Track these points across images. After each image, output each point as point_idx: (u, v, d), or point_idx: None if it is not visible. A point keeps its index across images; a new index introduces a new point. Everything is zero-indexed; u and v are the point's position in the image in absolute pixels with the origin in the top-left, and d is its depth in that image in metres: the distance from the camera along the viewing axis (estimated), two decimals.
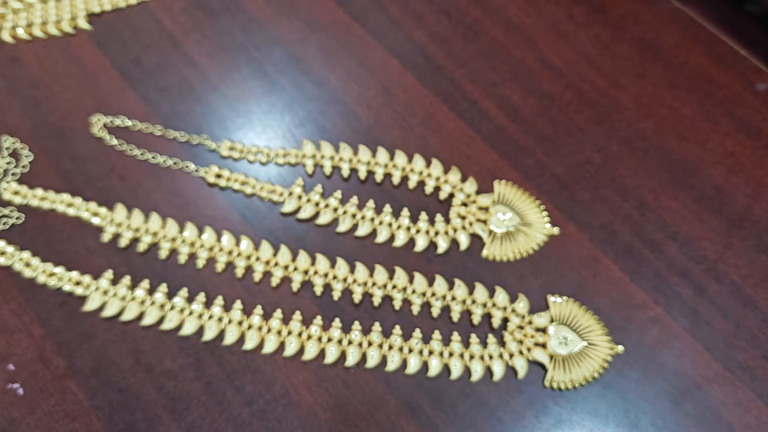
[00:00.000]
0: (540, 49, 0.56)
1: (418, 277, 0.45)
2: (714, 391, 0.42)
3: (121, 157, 0.49)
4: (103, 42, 0.54)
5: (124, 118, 0.50)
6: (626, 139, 0.52)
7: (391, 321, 0.44)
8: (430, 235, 0.47)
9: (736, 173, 0.51)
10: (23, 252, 0.44)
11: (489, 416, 0.41)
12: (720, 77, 0.55)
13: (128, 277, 0.44)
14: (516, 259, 0.46)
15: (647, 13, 0.59)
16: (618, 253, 0.47)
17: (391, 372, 0.42)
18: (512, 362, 0.42)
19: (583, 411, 0.41)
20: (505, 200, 0.48)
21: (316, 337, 0.42)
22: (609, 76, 0.55)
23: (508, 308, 0.44)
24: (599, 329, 0.44)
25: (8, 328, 0.42)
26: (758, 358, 0.43)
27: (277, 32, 0.56)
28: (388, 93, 0.53)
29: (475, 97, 0.54)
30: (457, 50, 0.56)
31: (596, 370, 0.42)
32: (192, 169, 0.49)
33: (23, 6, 0.56)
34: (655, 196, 0.49)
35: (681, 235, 0.48)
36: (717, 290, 0.46)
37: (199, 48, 0.55)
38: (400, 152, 0.50)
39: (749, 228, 0.48)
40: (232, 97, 0.52)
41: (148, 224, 0.46)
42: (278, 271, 0.45)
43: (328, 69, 0.54)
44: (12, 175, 0.48)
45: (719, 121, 0.53)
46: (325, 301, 0.44)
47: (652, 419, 0.41)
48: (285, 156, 0.50)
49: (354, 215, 0.47)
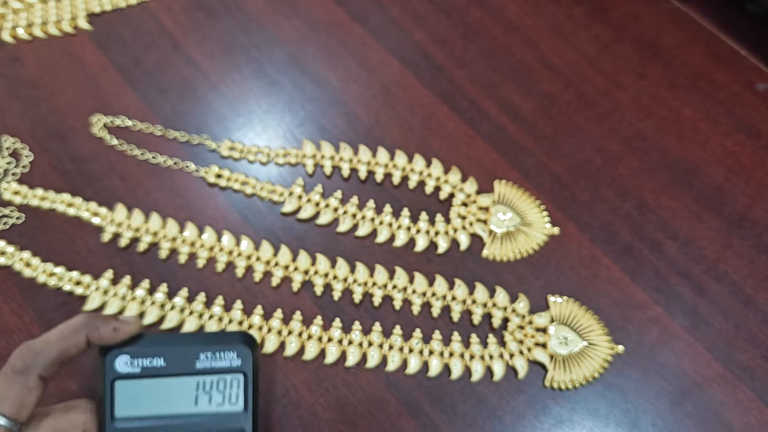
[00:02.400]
0: (540, 49, 0.56)
1: (418, 277, 0.45)
2: (714, 391, 0.42)
3: (122, 157, 0.49)
4: (104, 42, 0.54)
5: (124, 118, 0.50)
6: (626, 139, 0.52)
7: (392, 321, 0.44)
8: (431, 235, 0.47)
9: (736, 173, 0.51)
10: (23, 252, 0.44)
11: (489, 416, 0.41)
12: (720, 77, 0.55)
13: (128, 276, 0.44)
14: (516, 259, 0.46)
15: (647, 13, 0.59)
16: (618, 253, 0.47)
17: (392, 372, 0.42)
18: (512, 362, 0.42)
19: (584, 411, 0.41)
20: (505, 200, 0.48)
21: (317, 337, 0.42)
22: (609, 76, 0.55)
23: (508, 308, 0.44)
24: (599, 329, 0.44)
25: (8, 328, 0.42)
26: (758, 358, 0.43)
27: (277, 32, 0.56)
28: (388, 93, 0.53)
29: (475, 97, 0.54)
30: (457, 50, 0.56)
31: (596, 370, 0.42)
32: (192, 169, 0.49)
33: (23, 6, 0.56)
34: (655, 196, 0.49)
35: (681, 235, 0.48)
36: (717, 290, 0.46)
37: (199, 48, 0.55)
38: (401, 152, 0.50)
39: (749, 228, 0.48)
40: (232, 97, 0.52)
41: (148, 224, 0.46)
42: (278, 271, 0.45)
43: (328, 69, 0.54)
44: (12, 175, 0.48)
45: (719, 121, 0.53)
46: (325, 301, 0.44)
47: (652, 419, 0.41)
48: (285, 156, 0.50)
49: (354, 215, 0.47)
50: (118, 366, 0.31)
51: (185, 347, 0.32)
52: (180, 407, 0.31)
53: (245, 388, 0.32)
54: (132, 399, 0.31)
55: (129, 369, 0.31)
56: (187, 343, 0.32)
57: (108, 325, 0.30)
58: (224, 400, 0.32)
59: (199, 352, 0.32)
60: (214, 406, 0.32)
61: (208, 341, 0.32)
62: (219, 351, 0.32)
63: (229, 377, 0.32)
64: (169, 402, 0.31)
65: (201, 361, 0.31)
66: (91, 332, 0.30)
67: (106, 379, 0.31)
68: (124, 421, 0.31)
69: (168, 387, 0.31)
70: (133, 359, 0.31)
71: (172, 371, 0.31)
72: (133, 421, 0.31)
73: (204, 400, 0.32)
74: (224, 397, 0.32)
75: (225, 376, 0.32)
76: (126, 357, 0.31)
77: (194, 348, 0.32)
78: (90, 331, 0.30)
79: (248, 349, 0.32)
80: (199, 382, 0.32)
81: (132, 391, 0.31)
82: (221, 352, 0.32)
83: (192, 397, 0.32)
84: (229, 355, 0.32)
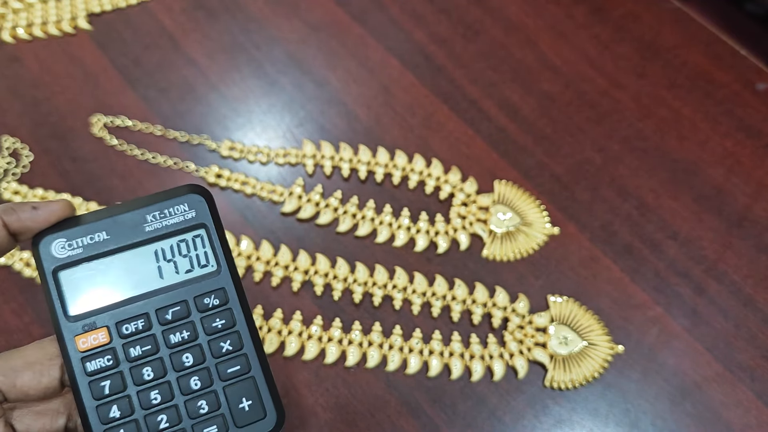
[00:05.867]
0: (540, 49, 0.56)
1: (418, 277, 0.45)
2: (714, 391, 0.42)
3: (121, 157, 0.49)
4: (103, 42, 0.54)
5: (124, 118, 0.50)
6: (626, 139, 0.52)
7: (392, 321, 0.44)
8: (431, 235, 0.47)
9: (736, 173, 0.51)
10: (23, 252, 0.44)
11: (489, 416, 0.41)
12: (720, 77, 0.55)
13: None
14: (516, 259, 0.46)
15: (647, 13, 0.59)
16: (618, 253, 0.47)
17: (392, 372, 0.42)
18: (512, 362, 0.42)
19: (584, 411, 0.41)
20: (505, 200, 0.48)
21: (317, 337, 0.42)
22: (609, 76, 0.55)
23: (508, 308, 0.44)
24: (599, 329, 0.44)
25: (8, 328, 0.42)
26: (758, 358, 0.43)
27: (277, 32, 0.56)
28: (388, 93, 0.53)
29: (475, 97, 0.54)
30: (457, 50, 0.56)
31: (596, 370, 0.42)
32: (192, 169, 0.49)
33: (23, 6, 0.56)
34: (655, 196, 0.49)
35: (681, 235, 0.48)
36: (717, 290, 0.46)
37: (199, 48, 0.55)
38: (401, 152, 0.50)
39: (749, 228, 0.48)
40: (232, 97, 0.52)
41: None
42: (278, 271, 0.45)
43: (328, 69, 0.54)
44: (12, 175, 0.48)
45: (719, 121, 0.53)
46: (325, 301, 0.44)
47: (652, 419, 0.41)
48: (285, 156, 0.50)
49: (354, 215, 0.47)
50: (55, 251, 0.26)
51: (127, 213, 0.27)
52: (143, 285, 0.27)
53: (210, 242, 0.28)
54: (83, 289, 0.27)
55: (69, 252, 0.26)
56: (128, 208, 0.27)
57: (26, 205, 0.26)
58: (192, 264, 0.28)
59: (145, 214, 0.27)
60: (183, 273, 0.27)
61: (151, 201, 0.27)
62: (167, 207, 0.27)
63: (189, 236, 0.28)
64: (128, 282, 0.27)
65: (150, 224, 0.27)
66: (7, 216, 0.26)
67: (46, 270, 0.26)
68: (82, 318, 0.26)
69: (122, 264, 0.27)
70: (70, 240, 0.26)
71: (121, 244, 0.27)
72: (91, 316, 0.26)
73: (169, 270, 0.27)
74: (191, 260, 0.28)
75: (184, 236, 0.27)
76: (62, 239, 0.26)
77: (138, 212, 0.27)
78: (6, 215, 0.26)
79: (200, 197, 0.28)
80: (157, 250, 0.27)
81: (80, 280, 0.27)
82: (170, 208, 0.27)
83: (154, 269, 0.27)
84: (180, 209, 0.27)
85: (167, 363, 0.27)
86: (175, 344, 0.27)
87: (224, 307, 0.27)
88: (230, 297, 0.28)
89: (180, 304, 0.27)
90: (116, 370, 0.26)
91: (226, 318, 0.27)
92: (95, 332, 0.26)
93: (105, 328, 0.26)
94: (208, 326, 0.27)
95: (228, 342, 0.27)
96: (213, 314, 0.27)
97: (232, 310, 0.27)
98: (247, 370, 0.27)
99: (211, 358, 0.27)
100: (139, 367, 0.26)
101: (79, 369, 0.26)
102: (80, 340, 0.26)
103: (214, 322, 0.27)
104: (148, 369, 0.27)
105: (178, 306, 0.27)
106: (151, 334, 0.27)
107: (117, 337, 0.26)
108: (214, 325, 0.27)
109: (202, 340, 0.27)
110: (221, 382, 0.27)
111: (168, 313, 0.27)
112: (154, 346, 0.27)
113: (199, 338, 0.27)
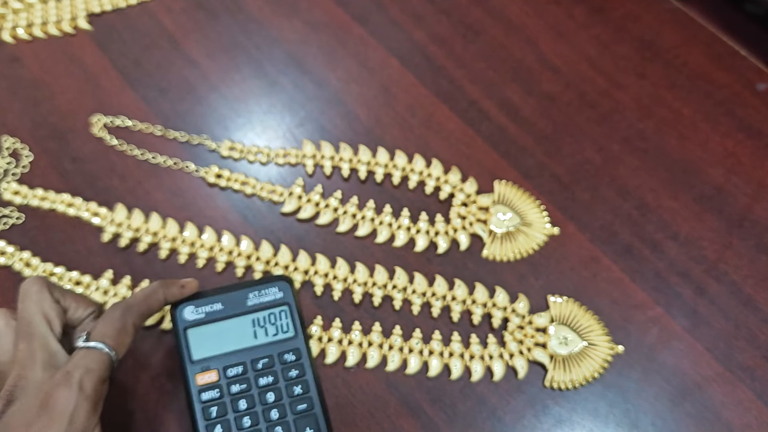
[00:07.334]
0: (540, 49, 0.56)
1: (418, 277, 0.45)
2: (714, 391, 0.42)
3: (122, 157, 0.49)
4: (104, 42, 0.54)
5: (124, 118, 0.50)
6: (626, 139, 0.52)
7: (391, 321, 0.44)
8: (431, 235, 0.47)
9: (736, 173, 0.51)
10: (23, 252, 0.44)
11: (489, 416, 0.41)
12: (720, 77, 0.55)
13: (128, 277, 0.44)
14: (516, 259, 0.46)
15: (647, 13, 0.59)
16: (618, 253, 0.47)
17: (392, 372, 0.42)
18: (512, 362, 0.42)
19: (584, 411, 0.41)
20: (505, 200, 0.48)
21: (317, 337, 0.42)
22: (609, 76, 0.55)
23: (508, 308, 0.44)
24: (599, 329, 0.44)
25: None
26: (758, 358, 0.43)
27: (277, 32, 0.56)
28: (388, 93, 0.53)
29: (475, 97, 0.54)
30: (457, 50, 0.56)
31: (596, 370, 0.42)
32: (192, 169, 0.49)
33: (23, 6, 0.56)
34: (655, 196, 0.49)
35: (681, 235, 0.48)
36: (717, 290, 0.46)
37: (199, 48, 0.55)
38: (401, 152, 0.50)
39: (749, 228, 0.48)
40: (232, 97, 0.52)
41: (148, 224, 0.46)
42: (278, 271, 0.45)
43: (328, 69, 0.54)
44: (12, 175, 0.48)
45: (719, 121, 0.53)
46: (325, 301, 0.44)
47: (652, 419, 0.41)
48: (285, 156, 0.50)
49: (354, 215, 0.47)
50: (187, 315, 0.37)
51: (236, 292, 0.38)
52: (243, 342, 0.37)
53: (292, 316, 0.38)
54: (203, 342, 0.37)
55: (195, 316, 0.37)
56: (236, 288, 0.39)
57: (176, 284, 0.37)
58: (278, 330, 0.38)
59: (248, 292, 0.38)
60: (270, 336, 0.38)
61: (252, 284, 0.39)
62: (263, 289, 0.39)
63: (277, 310, 0.38)
64: (233, 339, 0.37)
65: (251, 300, 0.38)
66: (165, 290, 0.37)
67: (179, 328, 0.37)
68: (201, 362, 0.36)
69: (230, 327, 0.38)
70: (197, 308, 0.38)
71: (230, 313, 0.38)
72: (207, 361, 0.37)
73: (261, 333, 0.38)
74: (277, 327, 0.38)
75: (273, 310, 0.38)
76: (191, 307, 0.38)
77: (243, 291, 0.38)
78: (165, 289, 0.37)
79: (286, 284, 0.39)
80: (254, 319, 0.38)
81: (202, 336, 0.37)
82: (265, 290, 0.39)
83: (251, 332, 0.38)
84: (272, 291, 0.39)
85: (256, 398, 0.36)
86: (263, 386, 0.37)
87: (298, 362, 0.37)
88: (302, 355, 0.38)
89: (268, 357, 0.37)
90: (221, 400, 0.36)
91: (299, 370, 0.37)
92: (209, 372, 0.36)
93: (216, 371, 0.37)
94: (286, 375, 0.37)
95: (299, 387, 0.37)
96: (290, 366, 0.37)
97: (303, 365, 0.37)
98: (311, 408, 0.36)
99: (286, 397, 0.37)
100: (237, 400, 0.36)
101: (197, 397, 0.36)
102: (199, 378, 0.36)
103: (290, 372, 0.37)
104: (243, 401, 0.36)
105: (266, 359, 0.37)
106: (246, 377, 0.37)
107: (223, 377, 0.36)
108: (290, 374, 0.37)
109: (282, 384, 0.37)
110: (293, 415, 0.36)
111: (259, 363, 0.37)
112: (248, 385, 0.37)
113: (279, 383, 0.37)
